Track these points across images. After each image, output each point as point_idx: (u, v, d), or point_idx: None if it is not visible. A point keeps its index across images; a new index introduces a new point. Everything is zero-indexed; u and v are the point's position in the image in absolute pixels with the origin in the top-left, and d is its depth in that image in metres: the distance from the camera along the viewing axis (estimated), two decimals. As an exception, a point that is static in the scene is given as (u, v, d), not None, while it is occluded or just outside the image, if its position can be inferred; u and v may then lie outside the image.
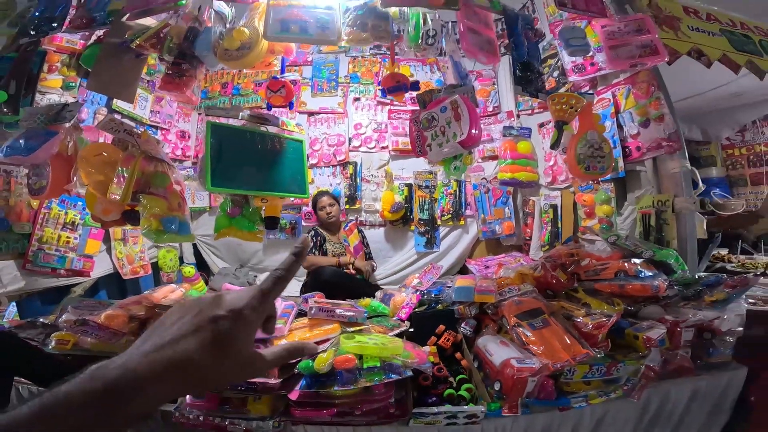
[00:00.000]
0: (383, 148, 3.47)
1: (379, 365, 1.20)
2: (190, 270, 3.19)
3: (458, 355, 1.51)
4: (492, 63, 1.78)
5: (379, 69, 3.46)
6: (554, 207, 2.62)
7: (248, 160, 1.89)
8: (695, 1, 2.20)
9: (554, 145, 1.71)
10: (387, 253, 3.45)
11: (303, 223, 3.44)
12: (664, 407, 1.42)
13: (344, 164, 3.47)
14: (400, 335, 1.51)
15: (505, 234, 3.11)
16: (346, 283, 2.63)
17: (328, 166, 3.49)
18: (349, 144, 3.48)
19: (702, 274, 1.69)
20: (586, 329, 1.37)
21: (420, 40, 1.76)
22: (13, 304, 2.22)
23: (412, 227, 3.40)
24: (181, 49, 1.69)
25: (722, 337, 1.44)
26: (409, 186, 3.41)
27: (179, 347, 0.37)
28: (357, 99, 3.50)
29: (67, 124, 1.81)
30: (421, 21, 1.78)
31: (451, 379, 1.37)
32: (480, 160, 3.35)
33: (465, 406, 1.24)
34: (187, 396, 1.24)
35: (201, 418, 1.21)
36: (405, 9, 1.77)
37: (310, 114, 3.51)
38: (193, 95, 1.87)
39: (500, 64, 3.18)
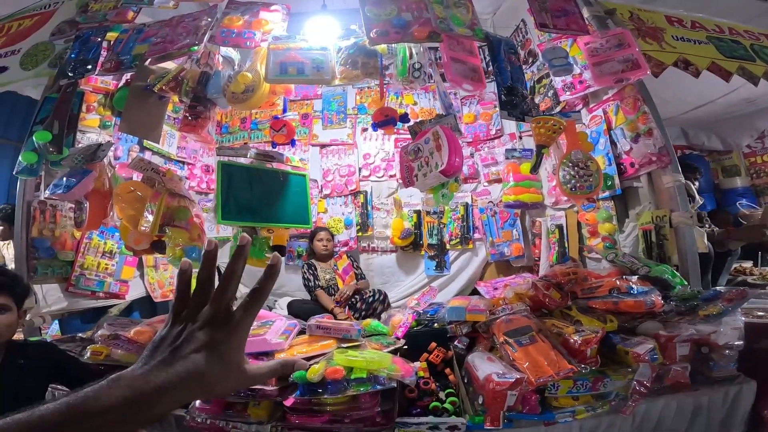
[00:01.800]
0: (391, 176, 3.55)
1: (365, 377, 1.29)
2: (210, 293, 3.41)
3: (447, 370, 1.54)
4: (478, 90, 1.85)
5: (385, 98, 3.51)
6: (560, 227, 2.56)
7: (255, 194, 2.06)
8: (678, 9, 2.16)
9: (533, 169, 1.74)
10: (399, 277, 3.51)
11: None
12: (663, 422, 1.38)
13: (355, 194, 3.58)
14: (394, 352, 1.57)
15: (514, 255, 3.08)
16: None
17: (341, 196, 3.60)
18: (359, 174, 3.59)
19: (699, 288, 1.64)
20: (575, 345, 1.38)
21: (407, 74, 1.88)
22: (56, 321, 2.47)
23: (422, 252, 3.45)
24: (196, 92, 1.88)
25: (721, 351, 1.38)
26: (418, 212, 3.48)
27: (190, 360, 0.42)
28: (365, 129, 3.61)
29: (104, 161, 2.02)
30: (408, 55, 1.91)
31: (441, 393, 1.41)
32: (486, 184, 3.38)
33: (446, 418, 1.27)
34: (197, 401, 1.37)
35: (208, 422, 1.35)
36: (392, 44, 1.90)
37: (322, 146, 3.66)
38: (208, 135, 2.06)
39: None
